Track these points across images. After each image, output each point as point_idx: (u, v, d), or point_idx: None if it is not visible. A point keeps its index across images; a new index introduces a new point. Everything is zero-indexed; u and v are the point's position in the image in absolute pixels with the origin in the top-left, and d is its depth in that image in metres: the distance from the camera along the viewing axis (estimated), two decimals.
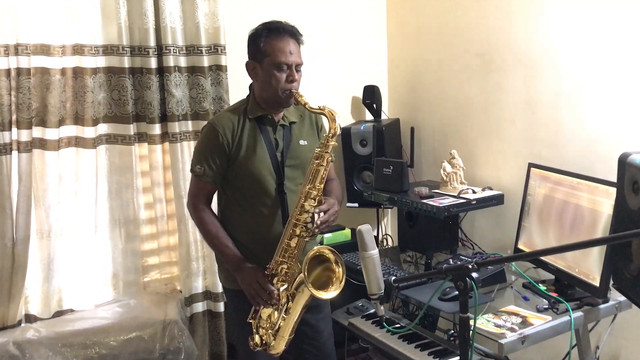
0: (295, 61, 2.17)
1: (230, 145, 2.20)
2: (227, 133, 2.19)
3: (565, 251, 2.15)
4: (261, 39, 2.17)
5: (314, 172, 2.15)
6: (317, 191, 2.14)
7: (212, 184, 2.25)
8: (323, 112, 2.17)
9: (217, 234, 2.24)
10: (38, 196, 2.70)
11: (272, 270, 2.16)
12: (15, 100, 2.57)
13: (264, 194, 2.23)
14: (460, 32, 3.09)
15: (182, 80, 2.86)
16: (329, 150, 2.15)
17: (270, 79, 2.16)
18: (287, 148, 2.26)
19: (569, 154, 2.58)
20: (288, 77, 2.16)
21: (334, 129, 2.15)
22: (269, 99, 2.21)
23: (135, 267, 2.97)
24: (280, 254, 2.15)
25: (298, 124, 2.32)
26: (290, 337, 2.18)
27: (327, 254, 2.14)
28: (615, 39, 2.36)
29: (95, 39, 2.73)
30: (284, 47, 2.15)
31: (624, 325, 2.36)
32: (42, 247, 2.75)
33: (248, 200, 2.24)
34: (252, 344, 2.17)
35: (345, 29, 3.49)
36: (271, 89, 2.17)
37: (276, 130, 2.26)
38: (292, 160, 2.26)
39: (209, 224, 2.25)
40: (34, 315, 2.75)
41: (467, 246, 3.00)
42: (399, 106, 3.60)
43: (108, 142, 2.86)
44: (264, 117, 2.24)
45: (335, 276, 2.13)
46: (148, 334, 2.65)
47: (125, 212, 2.91)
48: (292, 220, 2.14)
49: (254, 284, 2.14)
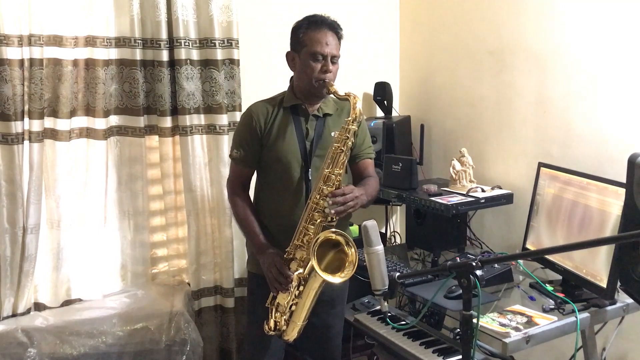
0: (331, 52, 2.23)
1: (263, 130, 2.29)
2: (261, 118, 2.29)
3: (571, 250, 2.14)
4: (301, 29, 2.26)
5: (333, 156, 2.18)
6: (335, 176, 2.17)
7: (247, 168, 2.37)
8: (348, 97, 2.21)
9: (245, 217, 2.33)
10: (49, 186, 2.72)
11: (290, 255, 2.20)
12: (28, 91, 2.58)
13: (290, 180, 2.29)
14: (472, 29, 3.07)
15: (195, 73, 2.87)
16: (349, 134, 2.18)
17: (305, 69, 2.23)
18: (317, 138, 2.31)
19: (579, 154, 2.56)
20: (322, 67, 2.22)
21: (355, 114, 2.18)
22: (304, 89, 2.28)
23: (143, 258, 2.98)
24: (298, 238, 2.19)
25: (334, 116, 2.37)
26: (303, 323, 2.20)
27: (337, 237, 2.14)
28: (628, 39, 2.34)
29: (108, 31, 2.74)
30: (321, 38, 2.22)
31: (631, 327, 2.34)
32: (52, 236, 2.77)
33: (275, 185, 2.32)
34: (266, 327, 2.22)
35: (358, 25, 3.47)
36: (306, 78, 2.24)
37: (308, 120, 2.32)
38: (321, 151, 2.30)
39: (240, 207, 2.35)
40: (42, 303, 2.77)
41: (475, 245, 2.99)
42: (410, 103, 3.58)
43: (119, 134, 2.87)
44: (297, 106, 2.31)
45: (348, 259, 2.13)
46: (154, 324, 2.66)
47: (135, 204, 2.93)
48: (311, 204, 2.17)
49: (272, 268, 2.18)
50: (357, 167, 2.44)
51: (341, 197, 2.15)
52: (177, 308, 2.74)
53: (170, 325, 2.68)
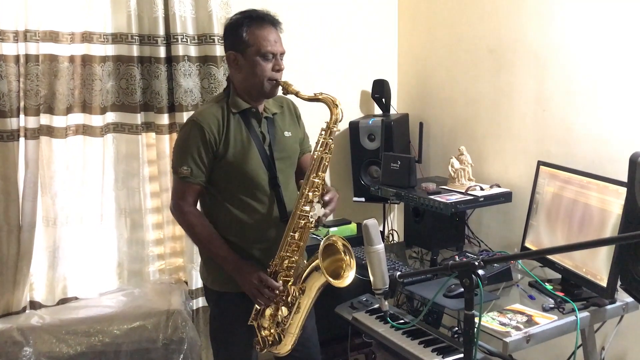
0: (280, 50, 2.11)
1: (218, 141, 2.09)
2: (213, 129, 2.08)
3: (574, 250, 2.13)
4: (242, 28, 2.08)
5: (318, 160, 2.10)
6: (320, 180, 2.10)
7: (199, 185, 2.13)
8: (321, 99, 2.10)
9: (210, 237, 2.13)
10: (44, 183, 2.70)
11: (276, 267, 2.11)
12: (24, 87, 2.56)
13: (257, 190, 2.14)
14: (471, 27, 3.06)
15: (193, 70, 2.85)
16: (333, 137, 2.10)
17: (254, 69, 2.08)
18: (273, 140, 2.18)
19: (579, 152, 2.55)
20: (274, 66, 2.09)
21: (336, 115, 2.09)
22: (253, 90, 2.13)
23: (140, 256, 2.96)
24: (285, 249, 2.10)
25: (279, 115, 2.26)
26: (299, 332, 2.15)
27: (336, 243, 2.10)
28: (628, 38, 2.33)
29: (105, 27, 2.72)
30: (268, 36, 2.07)
31: (630, 327, 2.33)
32: (47, 234, 2.75)
33: (239, 198, 2.14)
34: (257, 347, 2.14)
35: (356, 22, 3.46)
36: (256, 79, 2.09)
37: (261, 123, 2.19)
38: (280, 153, 2.20)
39: (200, 227, 2.14)
40: (38, 302, 2.76)
41: (474, 243, 2.98)
42: (408, 101, 3.57)
43: (115, 131, 2.85)
44: (247, 110, 2.16)
45: (345, 263, 2.09)
46: (151, 323, 2.65)
47: (131, 201, 2.91)
48: (297, 212, 2.09)
49: (255, 283, 2.07)
50: (301, 162, 2.33)
51: (332, 203, 2.13)
52: (174, 306, 2.72)
53: (167, 323, 2.66)
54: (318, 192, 2.10)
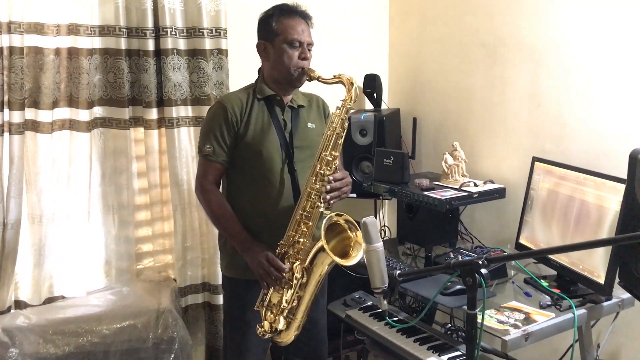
0: (307, 40, 2.20)
1: (239, 122, 2.19)
2: (236, 110, 2.19)
3: (577, 250, 2.11)
4: (273, 18, 2.19)
5: (330, 138, 2.12)
6: (332, 158, 2.11)
7: (221, 164, 2.21)
8: (340, 80, 2.16)
9: (224, 214, 2.20)
10: (30, 180, 2.63)
11: (284, 248, 2.11)
12: (8, 80, 2.49)
13: (272, 174, 2.20)
14: (464, 21, 3.03)
15: (182, 63, 2.79)
16: (346, 115, 2.14)
17: (282, 57, 2.17)
18: (295, 129, 2.25)
19: (573, 148, 2.54)
20: (300, 54, 2.18)
21: (352, 93, 2.15)
22: (280, 78, 2.21)
23: (128, 254, 2.90)
24: (294, 228, 2.10)
25: (306, 108, 2.33)
26: (303, 320, 2.13)
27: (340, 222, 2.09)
28: (623, 33, 2.32)
29: (92, 19, 2.64)
30: (296, 26, 2.18)
31: (625, 323, 2.33)
32: (33, 232, 2.68)
33: (255, 181, 2.21)
34: (260, 330, 2.13)
35: (347, 15, 3.42)
36: (283, 67, 2.18)
37: (284, 111, 2.26)
38: (300, 142, 2.25)
39: (215, 204, 2.22)
40: (24, 301, 2.68)
41: (467, 239, 2.96)
42: (399, 96, 3.54)
43: (103, 126, 2.78)
44: (272, 97, 2.24)
45: (353, 240, 2.08)
46: (141, 322, 2.59)
47: (119, 198, 2.84)
48: (307, 190, 2.10)
49: (263, 263, 2.09)
50: None
51: (339, 182, 2.12)
52: (164, 305, 2.67)
53: (157, 322, 2.60)
54: (330, 171, 2.10)
